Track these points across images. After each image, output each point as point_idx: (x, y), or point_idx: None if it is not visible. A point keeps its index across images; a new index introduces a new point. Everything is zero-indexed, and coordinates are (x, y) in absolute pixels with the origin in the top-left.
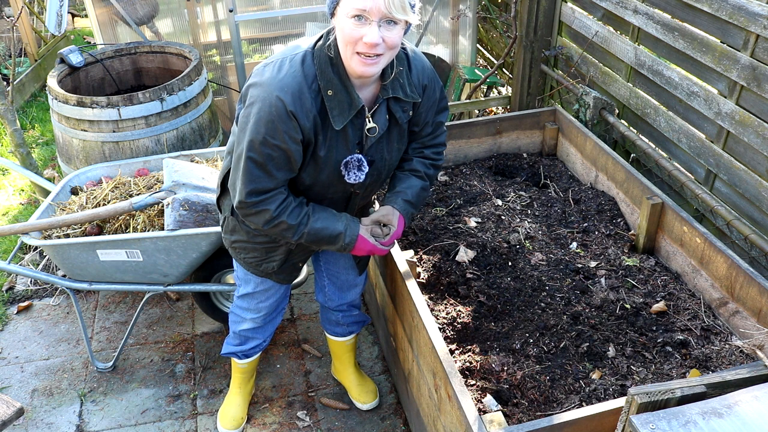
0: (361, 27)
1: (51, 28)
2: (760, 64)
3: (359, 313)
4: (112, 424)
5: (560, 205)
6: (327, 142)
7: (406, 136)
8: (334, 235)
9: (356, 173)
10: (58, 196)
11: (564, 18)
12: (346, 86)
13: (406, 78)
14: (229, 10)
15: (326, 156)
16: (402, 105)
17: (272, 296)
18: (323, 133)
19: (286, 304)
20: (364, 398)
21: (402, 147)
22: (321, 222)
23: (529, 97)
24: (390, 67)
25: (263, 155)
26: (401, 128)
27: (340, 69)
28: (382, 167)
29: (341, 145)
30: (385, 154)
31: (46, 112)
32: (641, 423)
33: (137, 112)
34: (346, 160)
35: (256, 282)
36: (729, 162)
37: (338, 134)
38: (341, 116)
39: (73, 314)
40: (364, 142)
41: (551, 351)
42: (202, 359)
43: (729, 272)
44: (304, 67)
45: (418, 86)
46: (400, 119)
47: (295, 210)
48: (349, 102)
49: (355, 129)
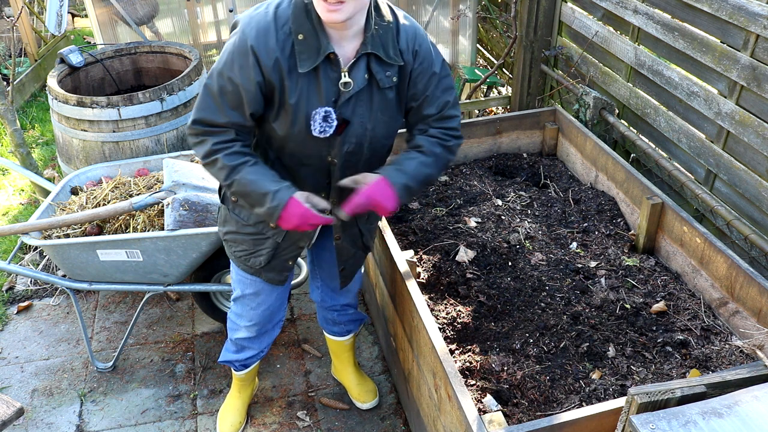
0: None
1: (51, 28)
2: (760, 64)
3: (355, 312)
4: (112, 424)
5: (560, 205)
6: (297, 89)
7: (393, 109)
8: (262, 193)
9: (321, 124)
10: (58, 196)
11: (564, 18)
12: (316, 32)
13: (391, 39)
14: (229, 10)
15: (296, 104)
16: (384, 67)
17: (263, 303)
18: (291, 79)
19: (282, 317)
20: (364, 398)
21: (391, 122)
22: (254, 175)
23: (529, 97)
24: (373, 21)
25: (217, 85)
26: (385, 96)
27: (314, 15)
28: (362, 135)
29: (313, 97)
30: (366, 121)
31: (46, 112)
32: (641, 423)
33: (137, 112)
34: (314, 111)
35: (245, 283)
36: (729, 162)
37: (310, 83)
38: (309, 60)
39: (73, 314)
40: (339, 98)
41: (551, 351)
42: (202, 359)
43: (729, 272)
44: (279, 9)
45: (406, 51)
46: (381, 81)
47: (236, 154)
48: (317, 47)
49: (330, 83)
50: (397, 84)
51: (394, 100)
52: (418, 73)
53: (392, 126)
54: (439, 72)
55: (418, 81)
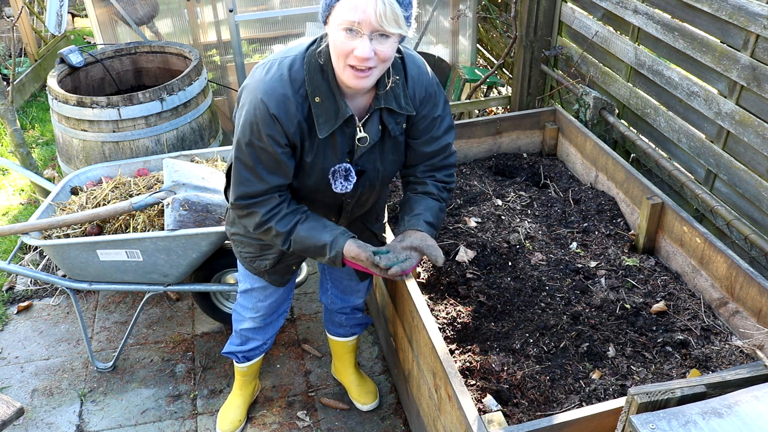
0: (352, 40)
1: (51, 28)
2: (760, 64)
3: (362, 315)
4: (112, 424)
5: (560, 205)
6: (314, 148)
7: (402, 148)
8: (320, 246)
9: (343, 183)
10: (58, 196)
11: (564, 18)
12: (333, 94)
13: (401, 89)
14: (229, 10)
15: (313, 162)
16: (395, 117)
17: (271, 296)
18: (310, 139)
19: (287, 308)
20: (364, 399)
21: (398, 159)
22: (308, 231)
23: (529, 97)
24: (386, 76)
25: (250, 157)
26: (396, 140)
27: (330, 76)
28: (374, 178)
29: (330, 153)
30: (378, 165)
31: (46, 112)
32: (641, 423)
33: (137, 112)
34: (333, 169)
35: (254, 278)
36: (729, 162)
37: (326, 142)
38: (327, 124)
39: (73, 314)
40: (354, 151)
41: (551, 351)
42: (202, 359)
43: (729, 272)
44: (292, 71)
45: (414, 98)
46: (392, 131)
47: (286, 217)
48: (335, 110)
49: (345, 138)
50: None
51: (401, 141)
52: (423, 116)
53: (399, 163)
54: (442, 113)
55: (421, 123)
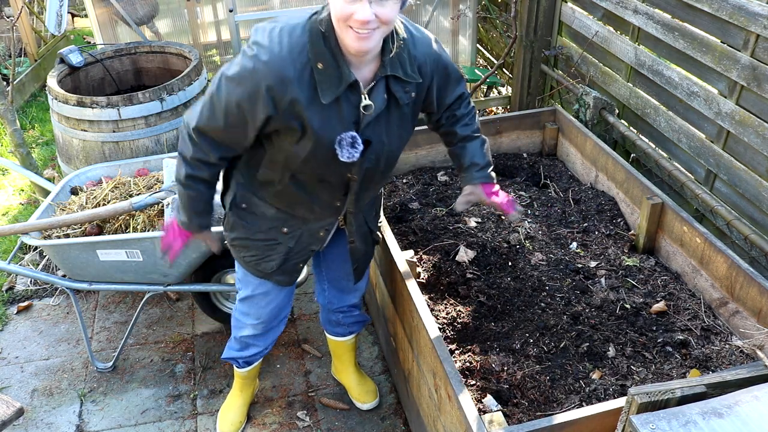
0: (352, 3)
1: (51, 28)
2: (760, 64)
3: (360, 314)
4: (112, 424)
5: (560, 205)
6: (319, 117)
7: (409, 122)
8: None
9: (349, 150)
10: (58, 196)
11: (564, 18)
12: (337, 60)
13: (407, 56)
14: (229, 10)
15: (319, 131)
16: (403, 85)
17: (272, 302)
18: (313, 108)
19: (287, 313)
20: (364, 398)
21: (405, 134)
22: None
23: (529, 97)
24: (391, 43)
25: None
26: (402, 111)
27: (332, 43)
28: (380, 151)
29: (335, 122)
30: (383, 137)
31: (46, 112)
32: (641, 423)
33: (137, 112)
34: (339, 137)
35: (255, 284)
36: (729, 162)
37: (331, 111)
38: (330, 90)
39: (73, 314)
40: (360, 120)
41: (551, 351)
42: (202, 359)
43: (729, 272)
44: (292, 37)
45: (424, 64)
46: (400, 99)
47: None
48: (338, 76)
49: (351, 106)
50: (415, 99)
51: (410, 114)
52: (438, 85)
53: (406, 137)
54: (451, 74)
55: (436, 90)
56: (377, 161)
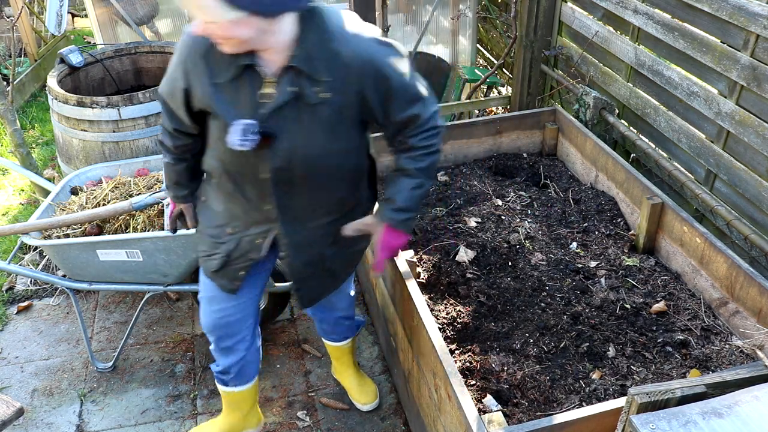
0: (195, 15)
1: (51, 28)
2: (760, 64)
3: (351, 322)
4: (112, 424)
5: (560, 205)
6: (220, 96)
7: (337, 126)
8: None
9: (241, 138)
10: (58, 196)
11: (564, 18)
12: None
13: (328, 53)
14: None
15: (219, 110)
16: (312, 82)
17: (219, 311)
18: (215, 86)
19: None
20: (364, 399)
21: (333, 142)
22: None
23: (529, 97)
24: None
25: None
26: (316, 112)
27: None
28: (291, 152)
29: (232, 104)
30: (297, 137)
31: (46, 112)
32: (641, 423)
33: (137, 112)
34: (235, 121)
35: (204, 286)
36: (729, 162)
37: (230, 91)
38: (223, 71)
39: (73, 314)
40: (261, 110)
41: (551, 351)
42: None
43: (729, 272)
44: None
45: (350, 66)
46: (308, 97)
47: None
48: (232, 58)
49: (251, 92)
50: (334, 101)
51: (332, 118)
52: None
53: (334, 146)
54: (395, 85)
55: (374, 98)
56: (288, 162)
